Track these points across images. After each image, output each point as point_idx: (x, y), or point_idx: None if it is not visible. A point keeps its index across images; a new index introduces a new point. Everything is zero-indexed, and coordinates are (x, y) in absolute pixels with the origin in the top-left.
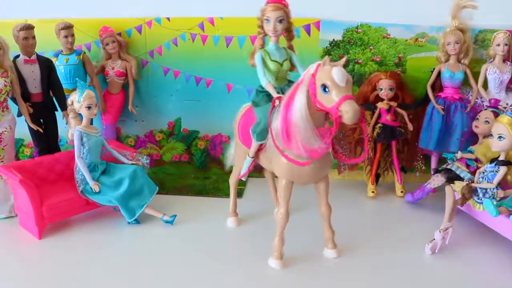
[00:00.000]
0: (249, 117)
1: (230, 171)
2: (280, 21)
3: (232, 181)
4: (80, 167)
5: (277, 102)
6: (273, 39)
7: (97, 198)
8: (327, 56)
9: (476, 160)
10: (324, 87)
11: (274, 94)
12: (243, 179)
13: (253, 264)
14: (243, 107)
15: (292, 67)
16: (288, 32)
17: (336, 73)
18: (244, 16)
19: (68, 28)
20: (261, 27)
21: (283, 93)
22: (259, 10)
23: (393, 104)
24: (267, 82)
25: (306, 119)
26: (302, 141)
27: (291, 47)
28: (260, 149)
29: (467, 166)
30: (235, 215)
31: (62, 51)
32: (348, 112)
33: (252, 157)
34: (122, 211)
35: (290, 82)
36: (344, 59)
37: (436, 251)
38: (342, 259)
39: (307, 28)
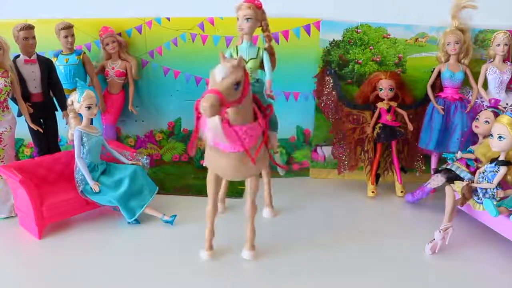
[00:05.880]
0: None
1: None
2: (247, 20)
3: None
4: (80, 167)
5: None
6: (244, 37)
7: (97, 198)
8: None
9: (476, 160)
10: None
11: None
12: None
13: (253, 263)
14: None
15: (262, 66)
16: (264, 32)
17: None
18: None
19: (68, 28)
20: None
21: None
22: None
23: (393, 104)
24: None
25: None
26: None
27: (269, 48)
28: None
29: (467, 166)
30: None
31: (62, 51)
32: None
33: None
34: (122, 211)
35: (257, 81)
36: (240, 57)
37: (436, 251)
38: (342, 258)
39: (307, 28)
